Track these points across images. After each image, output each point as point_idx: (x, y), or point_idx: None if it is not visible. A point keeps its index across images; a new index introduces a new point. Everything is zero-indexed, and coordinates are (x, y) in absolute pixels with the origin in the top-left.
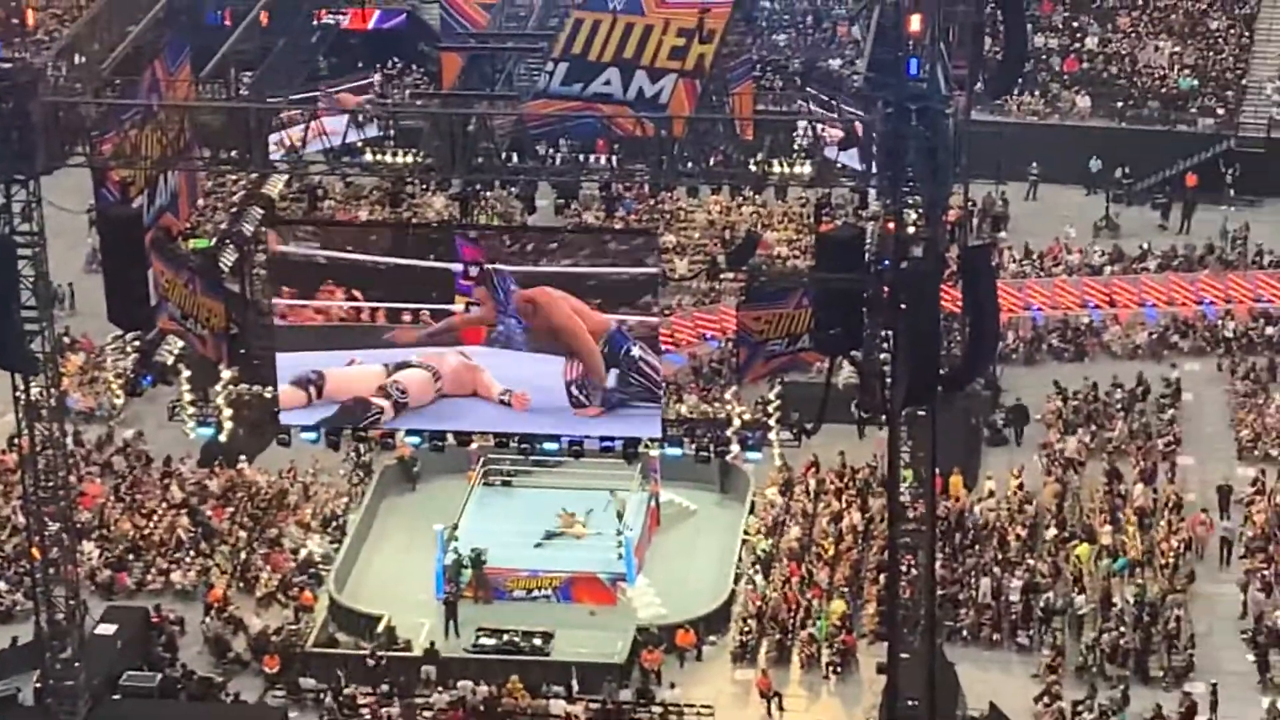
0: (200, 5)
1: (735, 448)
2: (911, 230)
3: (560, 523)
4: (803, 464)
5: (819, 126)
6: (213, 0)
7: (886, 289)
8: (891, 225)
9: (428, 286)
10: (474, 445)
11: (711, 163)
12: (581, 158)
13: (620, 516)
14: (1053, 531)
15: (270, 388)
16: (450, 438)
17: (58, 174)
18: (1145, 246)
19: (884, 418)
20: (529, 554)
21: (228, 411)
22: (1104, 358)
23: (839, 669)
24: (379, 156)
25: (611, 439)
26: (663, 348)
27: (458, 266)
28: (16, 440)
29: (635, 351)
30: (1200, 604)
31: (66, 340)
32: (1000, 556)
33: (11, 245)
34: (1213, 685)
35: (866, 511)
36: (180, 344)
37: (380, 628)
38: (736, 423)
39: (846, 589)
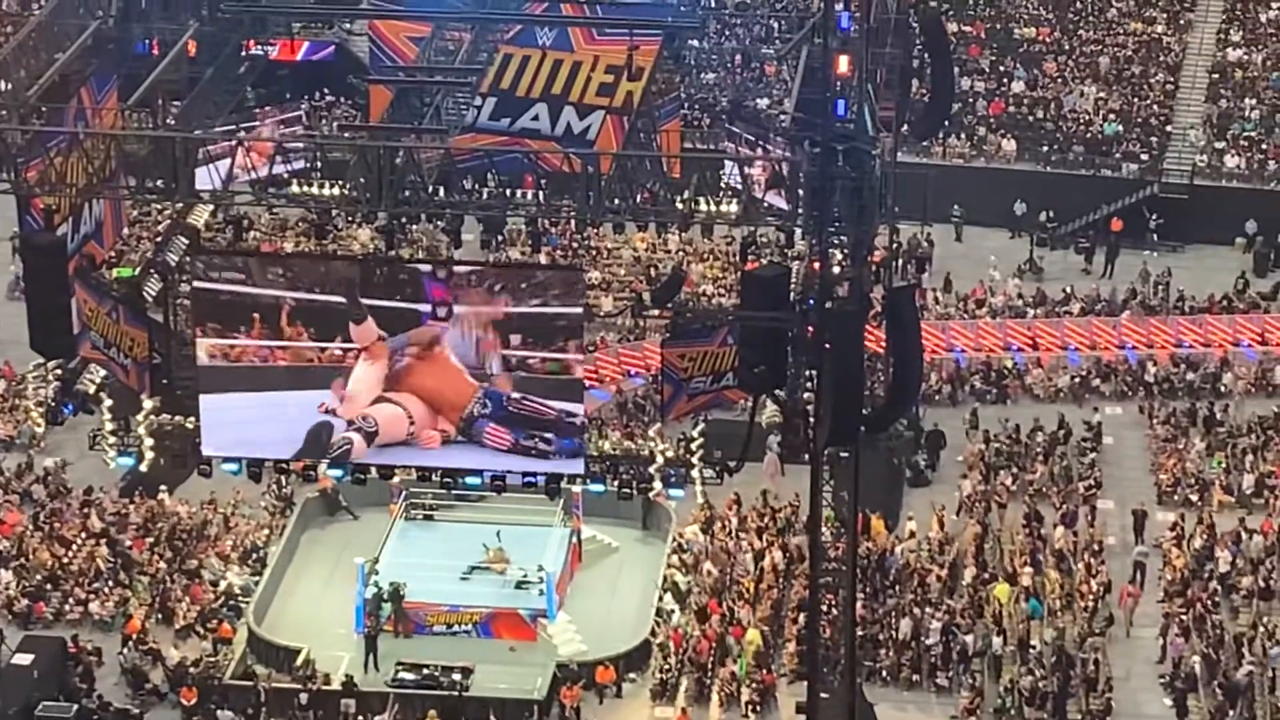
0: (128, 34)
1: (658, 485)
2: (836, 270)
3: (487, 558)
4: (725, 501)
5: (746, 165)
6: (140, 29)
7: (811, 328)
8: (817, 265)
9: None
10: (396, 479)
11: (638, 199)
12: (508, 192)
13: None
14: (972, 572)
15: (192, 418)
16: (373, 470)
17: None
18: (1069, 290)
19: (806, 457)
20: (450, 589)
21: (149, 441)
22: (1026, 400)
23: (758, 708)
24: (305, 188)
25: (534, 474)
26: (587, 384)
27: (425, 307)
28: None
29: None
30: (1118, 648)
31: None
32: (920, 597)
33: None
34: None
35: (787, 550)
36: (102, 373)
37: (299, 660)
38: (660, 460)
39: (765, 627)
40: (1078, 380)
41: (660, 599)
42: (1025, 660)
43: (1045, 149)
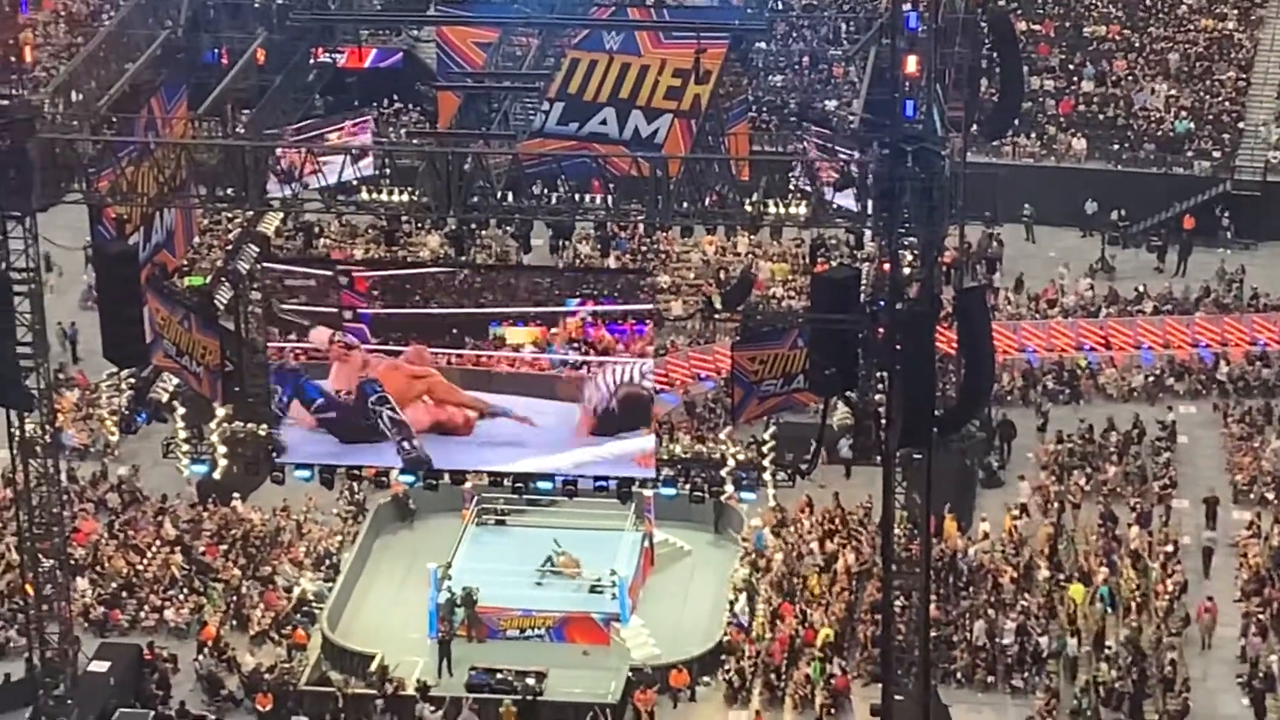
0: (197, 43)
1: (730, 488)
2: (907, 271)
3: (561, 562)
4: (797, 504)
5: (814, 167)
6: (209, 38)
7: (881, 330)
8: (887, 266)
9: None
10: (468, 484)
11: (707, 203)
12: (577, 197)
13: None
14: (1046, 573)
15: (264, 425)
16: (446, 476)
17: (54, 211)
18: (1141, 289)
19: (878, 458)
20: (523, 593)
21: (222, 449)
22: (1099, 399)
23: (832, 710)
24: (375, 195)
25: (605, 479)
26: (658, 388)
27: None
28: (11, 476)
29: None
30: (1195, 648)
31: (61, 377)
32: (994, 598)
33: (7, 282)
34: None
35: (860, 553)
36: (175, 381)
37: (373, 666)
38: (731, 463)
39: (838, 629)
40: (1151, 379)
41: (733, 602)
42: (1101, 660)
43: (1116, 147)
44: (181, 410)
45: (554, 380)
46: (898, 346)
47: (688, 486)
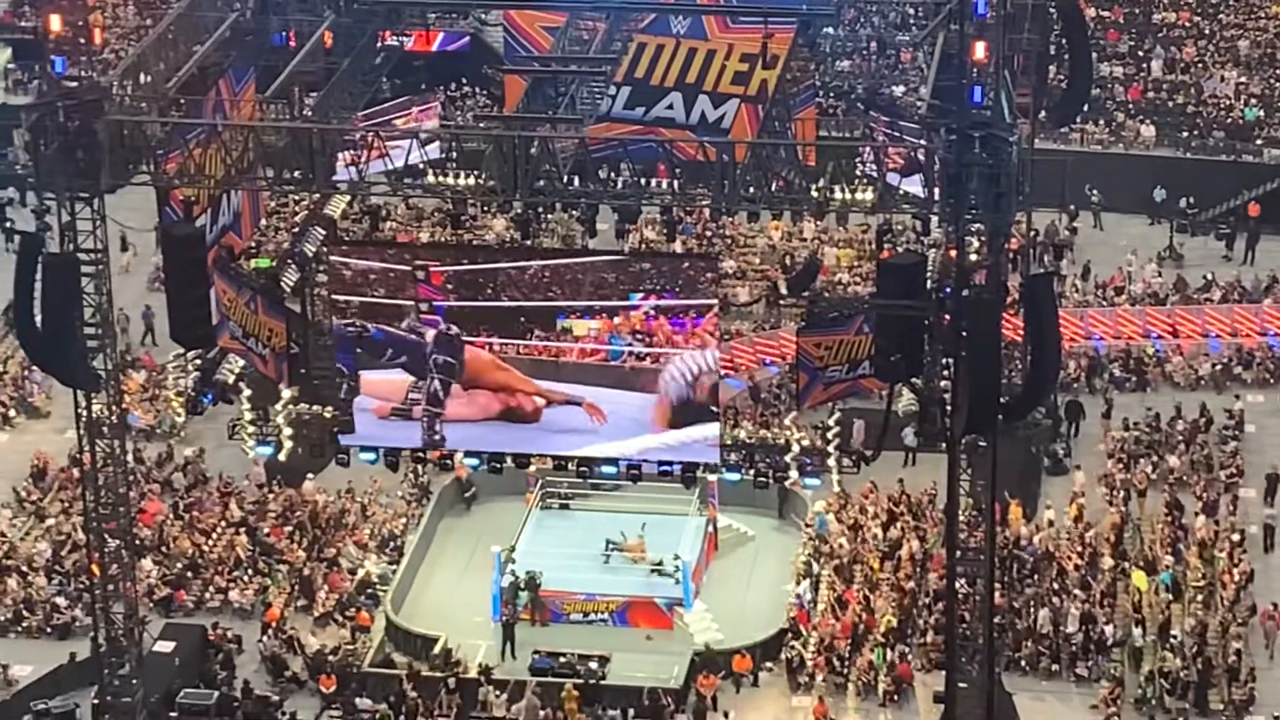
0: (265, 26)
1: (794, 473)
2: (973, 258)
3: (628, 545)
4: (861, 490)
5: (882, 153)
6: (277, 21)
7: (948, 316)
8: (953, 252)
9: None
10: (532, 468)
11: (773, 188)
12: (643, 181)
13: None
14: (1111, 561)
15: (330, 408)
16: (509, 459)
17: (122, 192)
18: (1209, 277)
19: (943, 445)
20: (586, 577)
21: (287, 430)
22: (1166, 388)
23: (895, 697)
24: (441, 178)
25: (670, 463)
26: (723, 373)
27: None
28: (79, 456)
29: None
30: (1261, 637)
31: (129, 358)
32: (1059, 586)
33: (75, 262)
34: (1275, 718)
35: (924, 539)
36: (241, 363)
37: (437, 648)
38: (795, 448)
39: (902, 616)
40: (1219, 368)
41: (796, 584)
42: (1166, 649)
43: (1185, 134)
44: (247, 392)
45: (623, 371)
46: (964, 333)
47: (752, 472)
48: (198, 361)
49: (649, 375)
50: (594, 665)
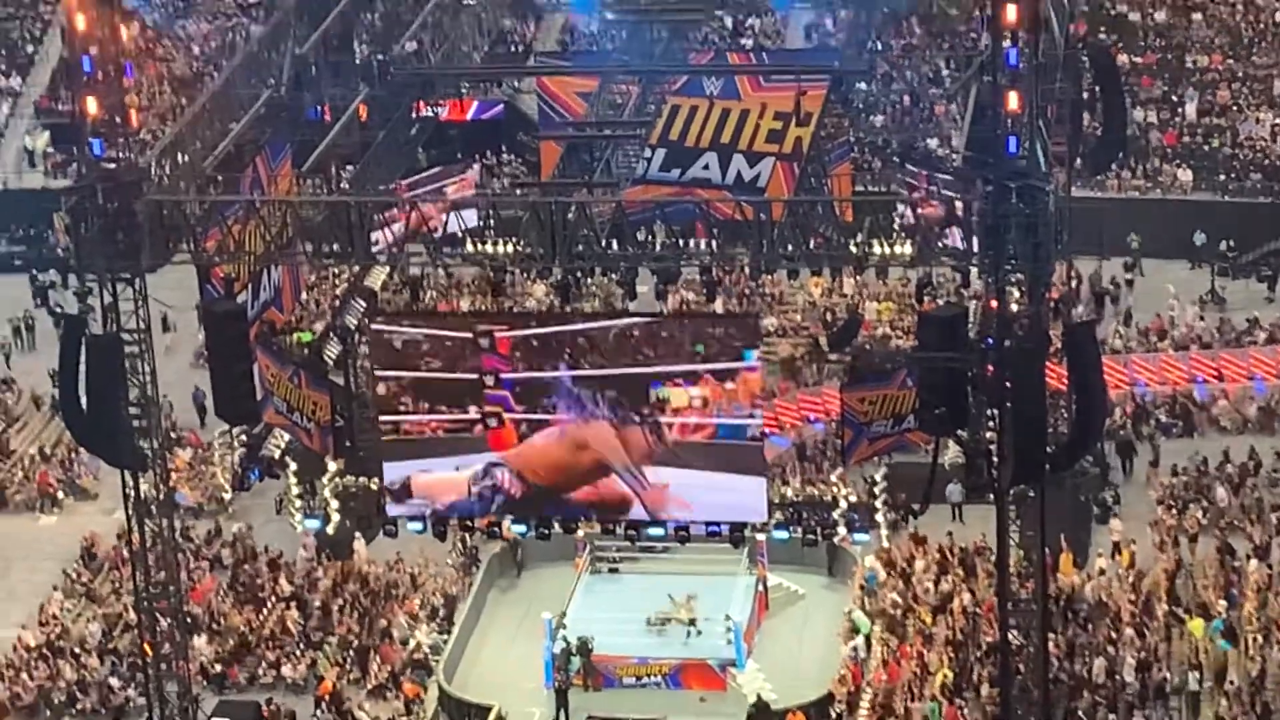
0: (300, 101)
1: (842, 530)
2: (1014, 308)
3: (672, 607)
4: (910, 544)
5: (919, 206)
6: (312, 96)
7: (991, 367)
8: (994, 303)
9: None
10: (580, 532)
11: (811, 245)
12: (681, 243)
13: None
14: (1165, 608)
15: (376, 479)
16: (556, 525)
17: (162, 271)
18: (1253, 319)
19: (991, 497)
20: (638, 640)
21: (334, 503)
22: (1213, 432)
23: None
24: (480, 246)
25: (718, 524)
26: (767, 431)
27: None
28: (127, 536)
29: None
30: None
31: (174, 436)
32: (1113, 635)
33: (119, 343)
34: None
35: (975, 591)
36: (287, 437)
37: (490, 718)
38: (843, 504)
39: (955, 670)
40: (1265, 410)
41: (848, 641)
42: (1223, 695)
43: (1222, 177)
44: (293, 466)
45: (732, 450)
46: (1007, 384)
47: (800, 529)
48: (243, 438)
49: (757, 453)
50: None
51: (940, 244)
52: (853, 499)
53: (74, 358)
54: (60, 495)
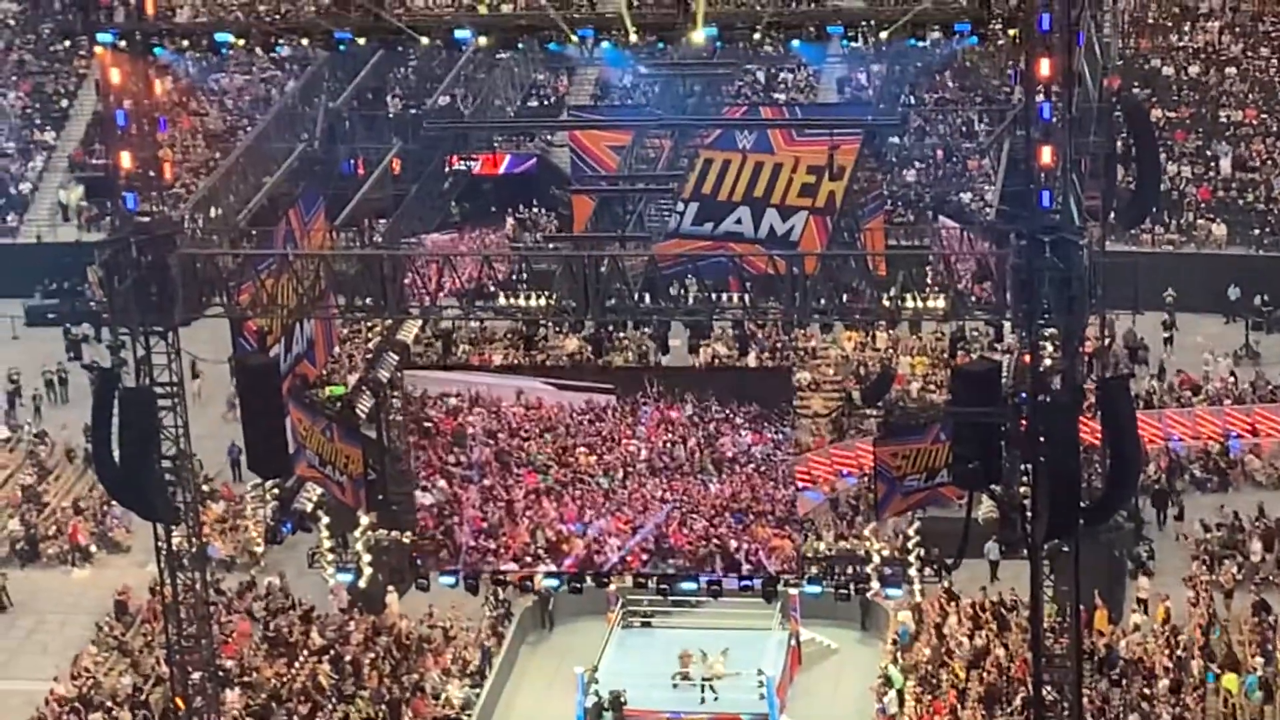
0: (334, 155)
1: (875, 584)
2: (1048, 362)
3: (680, 664)
4: (941, 598)
5: (952, 260)
6: (345, 149)
7: (1024, 422)
8: (1028, 358)
9: None
10: (612, 586)
11: (844, 299)
12: (714, 296)
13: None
14: (1199, 664)
15: (408, 533)
16: (588, 579)
17: (195, 324)
18: None
19: (1025, 552)
20: (671, 695)
21: (367, 557)
22: (1248, 487)
23: None
24: (512, 299)
25: (750, 578)
26: (800, 485)
27: None
28: (159, 590)
29: None
30: None
31: (206, 489)
32: (1147, 690)
33: (152, 396)
34: None
35: (1009, 646)
36: (319, 491)
37: None
38: (876, 559)
39: None
40: None
41: (881, 696)
42: None
43: (1257, 232)
44: (326, 520)
45: None
46: (1041, 438)
47: (833, 584)
48: (275, 491)
49: None
50: None
51: (973, 298)
52: (885, 553)
53: (106, 411)
54: (92, 548)
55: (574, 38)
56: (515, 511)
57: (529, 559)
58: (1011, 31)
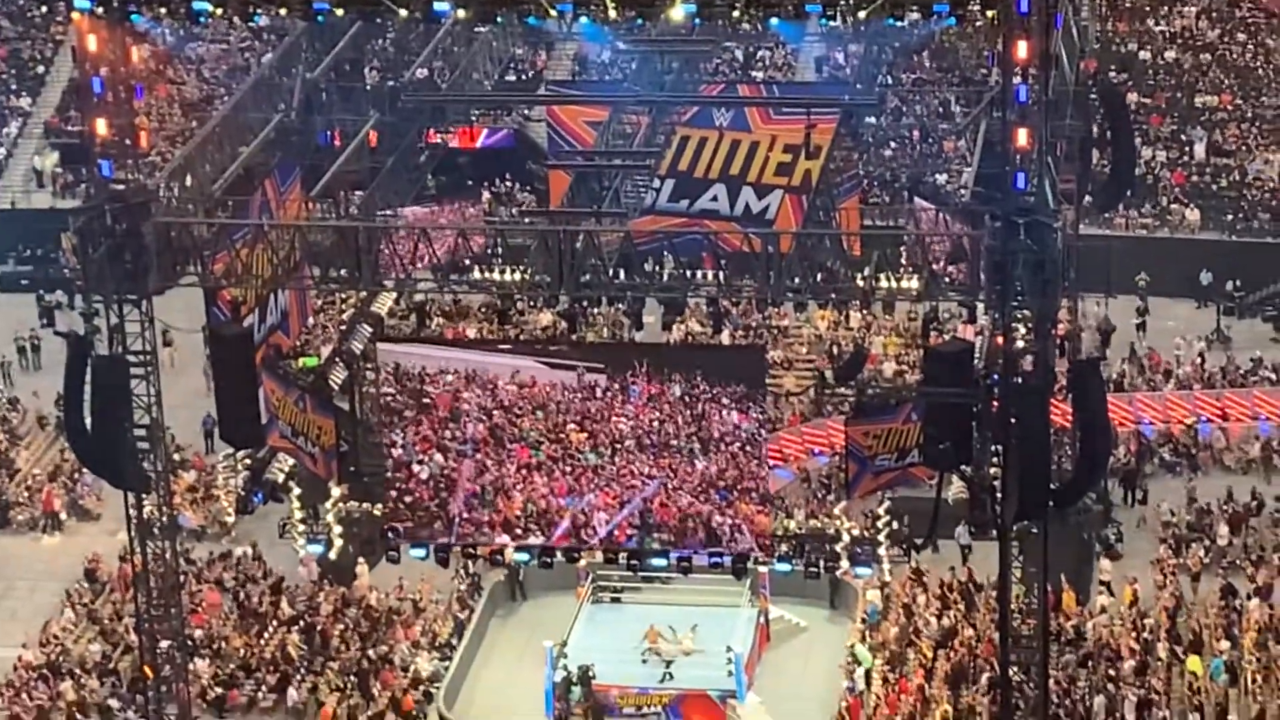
0: (310, 126)
1: (845, 563)
2: (1020, 344)
3: (647, 642)
4: (910, 578)
5: (926, 241)
6: (322, 121)
7: (996, 403)
8: (1000, 339)
9: None
10: (582, 561)
11: (818, 278)
12: (689, 274)
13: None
14: (1165, 646)
15: (379, 505)
16: (559, 554)
17: (169, 294)
18: (1257, 359)
19: (994, 533)
20: (639, 671)
21: (337, 529)
22: (1217, 471)
23: None
24: (487, 273)
25: (720, 554)
26: (771, 463)
27: None
28: (129, 558)
29: None
30: None
31: (177, 458)
32: (1114, 673)
33: (125, 364)
34: None
35: (976, 627)
36: (291, 462)
37: None
38: (846, 538)
39: (956, 704)
40: (1269, 451)
41: (849, 674)
42: None
43: (1230, 217)
44: (297, 491)
45: None
46: (1012, 420)
47: (802, 562)
48: (247, 461)
49: None
50: None
51: (947, 279)
52: (856, 532)
53: (79, 379)
54: (63, 516)
55: (553, 12)
56: (507, 485)
57: (519, 531)
58: (989, 13)
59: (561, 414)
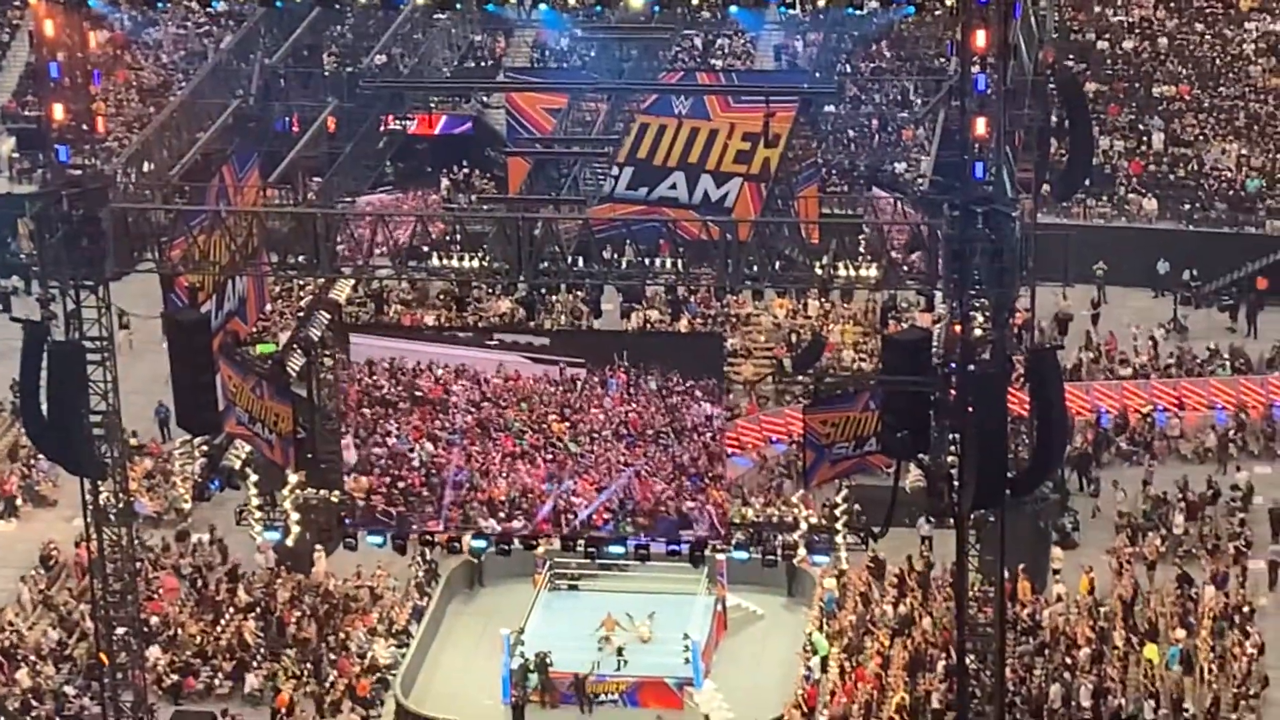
0: (268, 112)
1: (802, 551)
2: (978, 333)
3: (603, 629)
4: (864, 565)
5: (884, 229)
6: (280, 107)
7: (953, 392)
8: (958, 328)
9: None
10: (540, 549)
11: (777, 266)
12: (647, 261)
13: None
14: (1121, 635)
15: (336, 492)
16: (515, 541)
17: (127, 280)
18: (1213, 348)
19: (952, 521)
20: (595, 658)
21: (295, 515)
22: (1173, 460)
23: None
24: (445, 260)
25: (678, 542)
26: (730, 451)
27: None
28: (85, 544)
29: None
30: (1274, 711)
31: (134, 444)
32: (1070, 661)
33: (81, 351)
34: None
35: (933, 615)
36: (248, 448)
37: None
38: (804, 526)
39: (913, 692)
40: (1224, 440)
41: (805, 662)
42: None
43: (1187, 207)
44: (254, 477)
45: None
46: (970, 408)
47: (760, 550)
48: (204, 448)
49: None
50: None
51: (905, 268)
52: (813, 520)
53: (35, 365)
54: (19, 502)
55: None
56: (492, 473)
57: (503, 516)
58: (949, 2)
59: (544, 405)
